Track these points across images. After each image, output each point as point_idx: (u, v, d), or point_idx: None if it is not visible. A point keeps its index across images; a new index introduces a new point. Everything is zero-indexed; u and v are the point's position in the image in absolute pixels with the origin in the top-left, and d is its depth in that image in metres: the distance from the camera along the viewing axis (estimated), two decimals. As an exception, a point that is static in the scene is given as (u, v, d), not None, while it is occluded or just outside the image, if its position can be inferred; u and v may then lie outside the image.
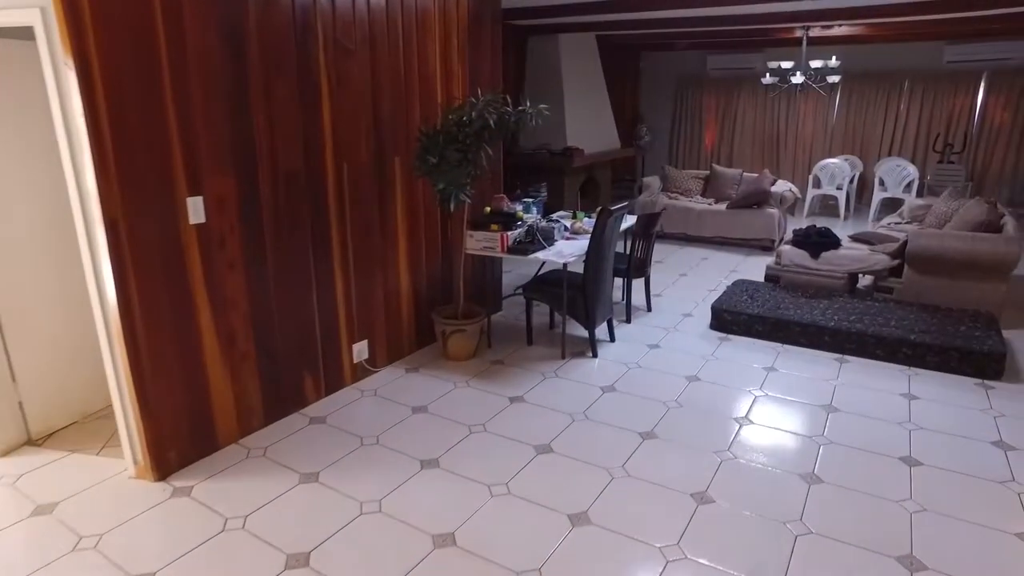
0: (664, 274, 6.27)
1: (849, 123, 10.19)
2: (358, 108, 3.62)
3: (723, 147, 11.24)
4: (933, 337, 4.09)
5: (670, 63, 11.53)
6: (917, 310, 4.60)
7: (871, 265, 4.99)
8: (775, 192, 7.09)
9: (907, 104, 9.72)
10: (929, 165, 9.48)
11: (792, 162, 10.69)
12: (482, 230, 4.08)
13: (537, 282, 4.28)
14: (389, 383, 3.93)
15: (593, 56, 9.17)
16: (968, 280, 4.76)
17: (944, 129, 9.61)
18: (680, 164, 11.67)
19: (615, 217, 4.06)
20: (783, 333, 4.46)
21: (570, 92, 8.42)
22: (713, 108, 11.24)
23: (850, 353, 4.28)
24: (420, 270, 4.27)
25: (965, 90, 9.40)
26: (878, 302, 4.76)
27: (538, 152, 8.26)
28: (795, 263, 5.22)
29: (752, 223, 7.07)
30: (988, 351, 3.92)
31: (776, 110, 10.65)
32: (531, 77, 8.44)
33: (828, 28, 7.92)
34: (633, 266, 4.78)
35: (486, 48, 4.58)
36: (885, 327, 4.26)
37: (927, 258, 4.79)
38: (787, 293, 4.97)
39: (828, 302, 4.75)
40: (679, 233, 7.58)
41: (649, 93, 11.91)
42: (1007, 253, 4.59)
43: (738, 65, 10.73)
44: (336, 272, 3.65)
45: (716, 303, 4.75)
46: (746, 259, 6.86)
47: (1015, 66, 9.07)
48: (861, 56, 9.84)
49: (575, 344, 4.47)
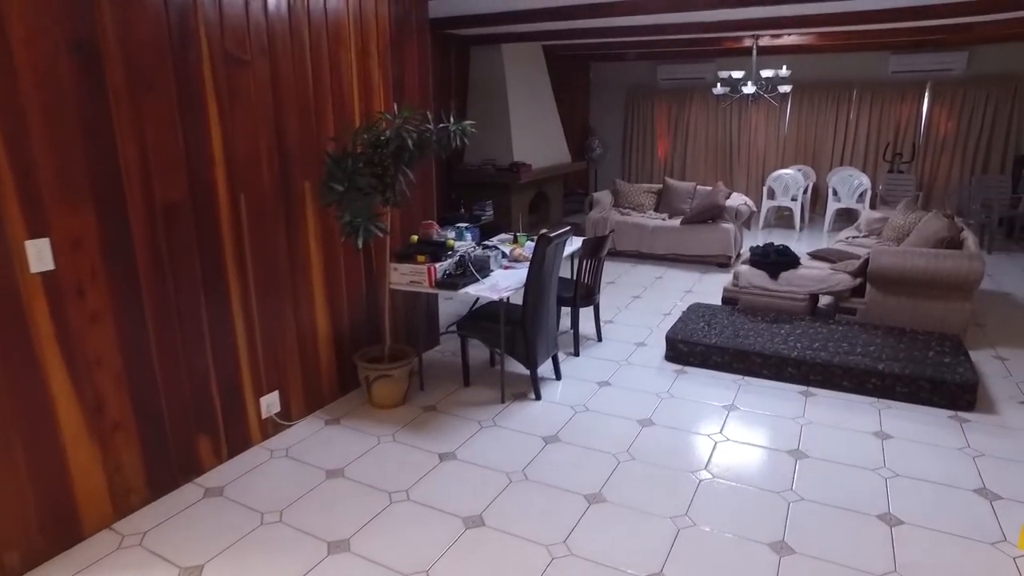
0: (616, 296, 5.90)
1: (800, 133, 10.06)
2: (257, 127, 3.14)
3: (676, 159, 11.01)
4: (902, 366, 3.78)
5: (620, 74, 11.29)
6: (882, 334, 4.31)
7: (832, 285, 4.70)
8: (730, 206, 6.81)
9: (856, 113, 9.64)
10: (880, 174, 9.39)
11: (745, 173, 10.51)
12: (408, 262, 3.63)
13: (472, 317, 3.85)
14: (304, 439, 3.44)
15: (540, 67, 8.83)
16: (932, 299, 4.50)
17: (893, 138, 9.55)
18: (633, 177, 11.41)
19: (556, 243, 3.65)
20: (744, 364, 4.11)
21: (516, 104, 8.05)
22: (665, 119, 11.02)
23: (816, 385, 3.95)
24: (340, 308, 3.79)
25: (911, 99, 9.38)
26: (842, 325, 4.46)
27: (484, 168, 7.85)
28: (753, 284, 4.90)
29: (707, 239, 6.77)
30: (960, 381, 3.63)
31: (728, 120, 10.47)
32: (475, 90, 8.04)
33: (777, 37, 7.73)
34: (580, 294, 4.39)
35: (412, 59, 4.15)
36: (851, 355, 3.95)
37: (890, 277, 4.52)
38: (746, 317, 4.64)
39: (790, 327, 4.43)
40: (632, 251, 7.24)
41: (600, 105, 11.64)
42: (970, 271, 4.33)
43: (689, 75, 10.53)
44: (235, 316, 3.16)
45: (671, 332, 4.38)
46: (702, 277, 6.55)
47: (956, 77, 9.08)
48: (810, 66, 9.73)
49: (517, 383, 4.04)
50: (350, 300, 3.85)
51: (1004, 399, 3.84)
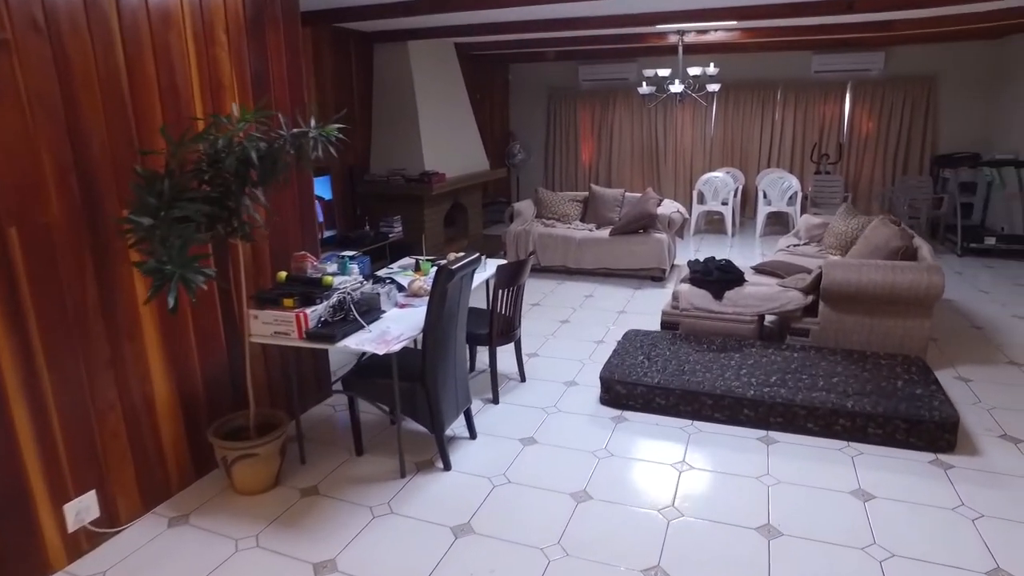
0: (541, 321, 5.21)
1: (727, 134, 9.73)
2: (33, 135, 2.26)
3: (601, 164, 10.49)
4: (873, 403, 3.24)
5: (540, 75, 10.69)
6: (842, 360, 3.78)
7: (783, 305, 4.16)
8: (662, 214, 6.26)
9: (781, 113, 9.38)
10: (808, 176, 9.14)
11: (673, 177, 10.10)
12: (272, 307, 2.81)
13: (360, 372, 3.06)
14: (136, 551, 2.56)
15: (452, 67, 8.10)
16: (890, 316, 4.02)
17: (819, 139, 9.33)
18: (557, 184, 10.83)
19: (461, 276, 2.91)
20: (693, 407, 3.49)
21: (426, 108, 7.28)
22: (588, 122, 10.49)
23: (777, 428, 3.36)
24: (189, 368, 2.93)
25: (833, 99, 9.20)
26: (796, 351, 3.92)
27: (392, 179, 7.05)
28: (695, 306, 4.32)
29: (639, 251, 6.20)
30: (939, 420, 3.11)
31: (653, 122, 10.03)
32: (380, 92, 7.23)
33: (703, 34, 7.28)
34: (497, 330, 3.67)
35: (278, 50, 3.33)
36: (814, 391, 3.38)
37: (845, 293, 4.01)
38: (690, 346, 4.03)
39: (740, 356, 3.85)
40: (558, 266, 6.59)
41: (520, 108, 11.02)
42: (930, 285, 3.87)
43: (611, 75, 10.04)
44: (10, 397, 2.26)
45: (606, 370, 3.71)
46: (635, 294, 5.96)
47: (875, 77, 8.97)
48: (735, 66, 9.41)
49: (422, 447, 3.27)
50: (204, 356, 2.99)
51: (981, 433, 3.37)
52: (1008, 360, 4.33)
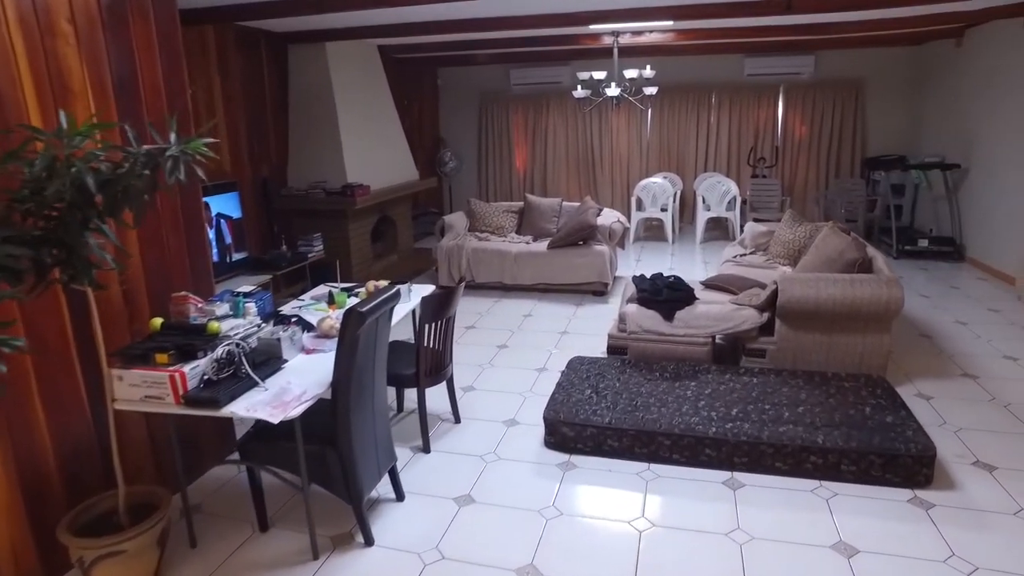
0: (475, 347, 4.77)
1: (663, 138, 9.54)
2: None
3: (536, 171, 10.14)
4: (845, 436, 2.94)
5: (471, 79, 10.27)
6: (805, 384, 3.49)
7: (738, 325, 3.85)
8: (602, 225, 5.92)
9: (716, 117, 9.26)
10: (745, 180, 9.03)
11: (610, 184, 9.84)
12: (142, 365, 2.26)
13: (259, 434, 2.53)
14: None
15: (376, 71, 7.57)
16: (849, 333, 3.76)
17: (753, 142, 9.25)
18: (491, 193, 10.42)
19: (377, 317, 2.44)
20: (649, 448, 3.11)
21: (348, 115, 6.74)
22: (521, 127, 10.12)
23: (743, 468, 3.02)
24: (35, 446, 2.34)
25: (766, 102, 9.16)
26: (755, 376, 3.61)
27: (311, 193, 6.48)
28: (645, 329, 3.96)
29: (579, 265, 5.84)
30: (915, 453, 2.83)
31: (588, 127, 9.75)
32: (296, 98, 6.63)
33: (639, 35, 7.01)
34: (425, 369, 3.20)
35: (149, 49, 2.77)
36: (780, 423, 3.06)
37: (803, 310, 3.73)
38: (641, 374, 3.67)
39: (696, 385, 3.51)
40: (494, 283, 6.16)
41: (450, 114, 10.56)
42: (890, 299, 3.63)
43: (544, 79, 9.71)
44: None
45: (550, 409, 3.30)
46: (577, 311, 5.59)
47: (806, 80, 8.97)
48: (669, 69, 9.23)
49: (339, 518, 2.77)
50: (58, 428, 2.40)
51: (953, 460, 3.12)
52: (962, 372, 4.16)
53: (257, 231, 6.16)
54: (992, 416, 3.57)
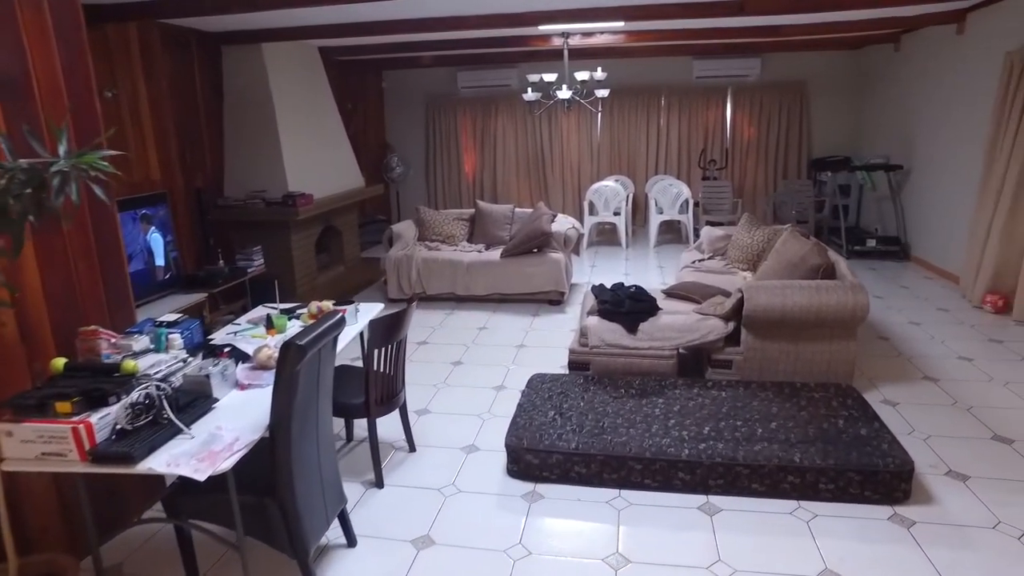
0: (429, 365, 4.51)
1: (614, 141, 9.46)
2: None
3: (485, 176, 9.93)
4: (821, 452, 2.81)
5: (417, 82, 9.98)
6: (775, 397, 3.36)
7: (704, 336, 3.70)
8: (557, 232, 5.74)
9: (666, 119, 9.23)
10: (696, 182, 9.01)
11: (562, 188, 9.70)
12: (38, 417, 1.94)
13: (186, 487, 2.22)
14: None
15: (317, 74, 7.23)
16: (815, 341, 3.67)
17: (704, 144, 9.25)
18: (441, 199, 10.15)
19: (319, 349, 2.17)
20: (619, 473, 2.92)
21: (288, 121, 6.38)
22: (470, 131, 9.90)
23: (718, 491, 2.86)
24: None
25: (715, 105, 9.18)
26: (724, 389, 3.47)
27: (250, 203, 6.11)
28: (607, 342, 3.78)
29: (535, 273, 5.64)
30: (894, 469, 2.72)
31: (538, 130, 9.59)
32: (232, 103, 6.25)
33: (589, 36, 6.87)
34: (376, 397, 2.94)
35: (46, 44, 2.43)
36: (754, 441, 2.91)
37: (770, 319, 3.61)
38: (606, 391, 3.48)
39: (664, 401, 3.34)
40: (446, 294, 5.91)
41: (397, 118, 10.25)
42: (856, 305, 3.55)
43: (493, 82, 9.50)
44: None
45: (512, 436, 3.07)
46: (534, 321, 5.39)
47: (752, 82, 9.02)
48: (619, 71, 9.15)
49: (281, 570, 2.48)
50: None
51: (927, 471, 3.03)
52: (923, 375, 4.13)
53: (192, 245, 5.75)
54: (958, 421, 3.52)
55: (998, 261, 5.33)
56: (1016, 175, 5.12)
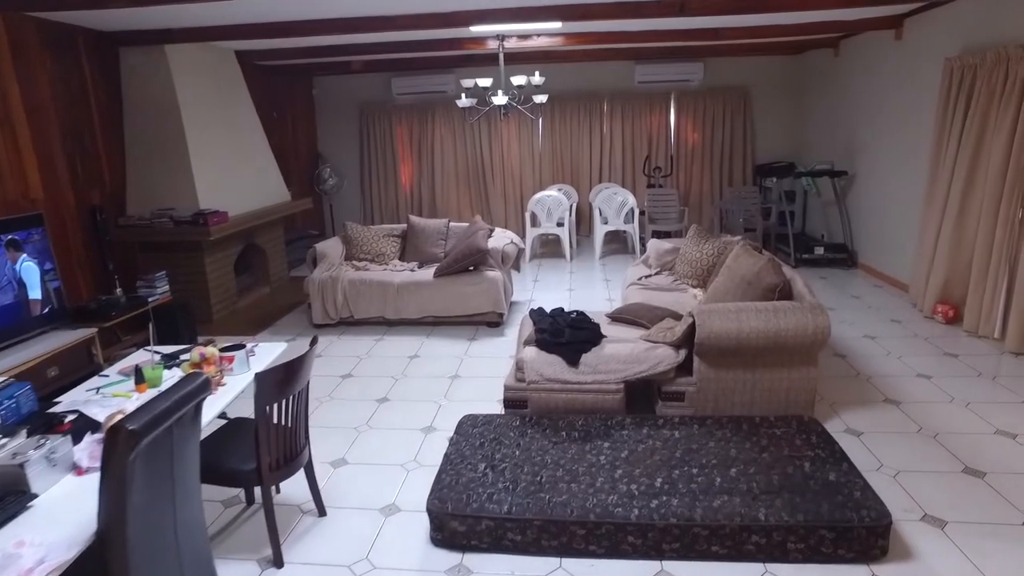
0: (350, 406, 4.02)
1: (556, 148, 9.12)
2: None
3: (423, 187, 9.46)
4: (789, 506, 2.46)
5: (350, 88, 9.46)
6: (733, 435, 3.01)
7: (653, 366, 3.34)
8: (494, 248, 5.32)
9: (609, 125, 8.96)
10: (641, 190, 8.75)
11: (503, 198, 9.31)
12: None
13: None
14: None
15: (234, 80, 6.66)
16: (773, 368, 3.35)
17: (648, 151, 9.01)
18: (376, 212, 9.64)
19: (172, 426, 1.68)
20: (559, 540, 2.51)
21: (198, 131, 5.81)
22: (406, 140, 9.42)
23: (674, 556, 2.48)
24: None
25: (658, 110, 8.96)
26: (676, 427, 3.10)
27: (156, 222, 5.51)
28: (546, 377, 3.37)
29: (471, 294, 5.21)
30: (869, 524, 2.39)
31: (477, 138, 9.18)
32: (132, 111, 5.63)
33: (525, 39, 6.50)
34: (272, 461, 2.45)
35: None
36: (712, 494, 2.54)
37: (724, 346, 3.27)
38: (545, 435, 3.07)
39: (610, 445, 2.95)
40: (376, 318, 5.42)
41: (329, 126, 9.69)
42: (817, 328, 3.24)
43: (429, 88, 9.05)
44: None
45: (436, 497, 2.63)
46: (471, 347, 4.96)
47: (695, 87, 8.84)
48: (559, 76, 8.84)
49: None
50: None
51: (902, 517, 2.72)
52: (884, 398, 3.87)
53: (87, 272, 5.11)
54: (925, 452, 3.25)
55: (947, 270, 5.17)
56: (961, 183, 4.96)
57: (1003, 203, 4.59)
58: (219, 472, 2.42)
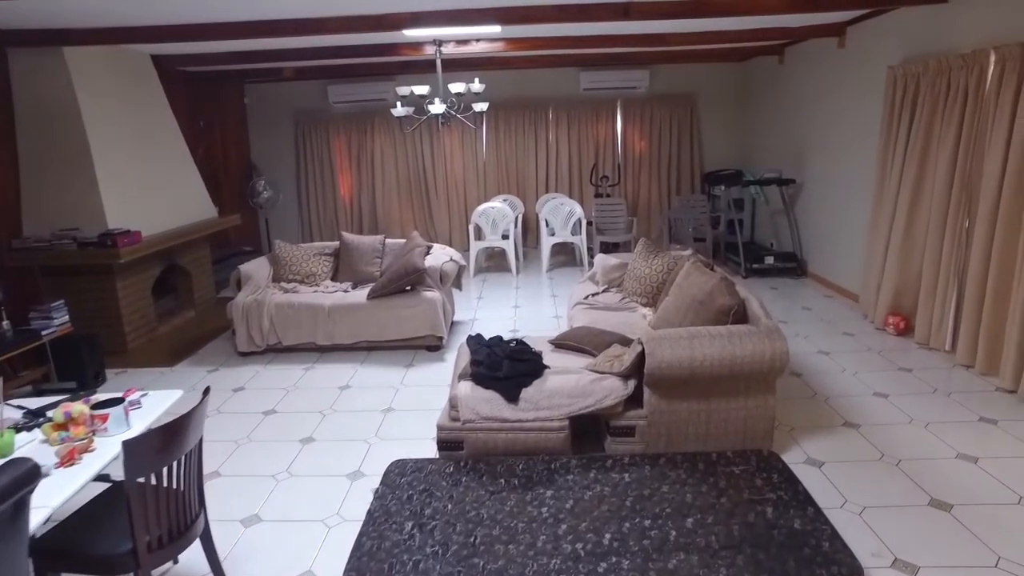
0: (270, 448, 3.62)
1: (501, 158, 8.84)
2: None
3: (364, 200, 9.05)
4: (752, 565, 2.20)
5: (285, 96, 9.00)
6: (688, 476, 2.74)
7: (600, 400, 3.04)
8: (432, 267, 4.98)
9: (555, 134, 8.72)
10: (589, 200, 8.53)
11: (447, 211, 8.97)
12: None
13: None
14: None
15: (150, 87, 6.15)
16: (729, 398, 3.10)
17: (595, 160, 8.81)
18: (315, 227, 9.18)
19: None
20: (494, 615, 2.18)
21: (105, 143, 5.31)
22: (344, 151, 9.00)
23: (622, 631, 2.18)
24: None
25: (605, 118, 8.77)
26: (626, 470, 2.82)
27: (58, 244, 4.99)
28: (483, 416, 3.05)
29: (407, 316, 4.85)
30: (842, 578, 2.14)
31: (419, 149, 8.83)
32: (26, 121, 5.10)
33: (463, 44, 6.19)
34: (152, 540, 2.05)
35: None
36: (667, 551, 2.26)
37: (676, 377, 3.00)
38: (481, 483, 2.75)
39: (554, 495, 2.65)
40: (307, 344, 5.01)
41: (263, 136, 9.20)
42: (775, 354, 3.01)
43: (368, 96, 8.66)
44: None
45: (352, 569, 2.27)
46: (407, 374, 4.60)
47: (641, 95, 8.70)
48: (502, 84, 8.57)
49: None
50: None
51: (871, 561, 2.47)
52: (843, 421, 3.68)
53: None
54: (889, 483, 3.04)
55: (897, 281, 5.07)
56: (909, 193, 4.87)
57: (950, 213, 4.50)
58: (84, 558, 2.02)
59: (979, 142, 4.22)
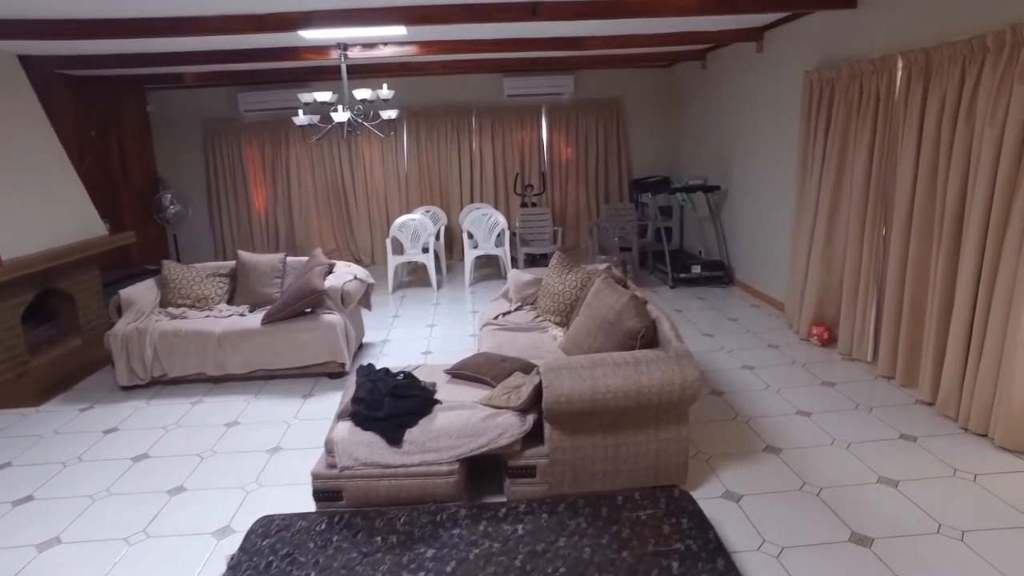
0: (130, 502, 3.17)
1: (423, 167, 8.49)
2: None
3: (280, 214, 8.56)
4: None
5: (192, 104, 8.43)
6: (590, 524, 2.45)
7: (494, 439, 2.73)
8: (333, 287, 4.59)
9: (479, 142, 8.42)
10: (514, 210, 8.27)
11: (368, 223, 8.56)
12: None
13: None
14: None
15: (17, 91, 5.54)
16: (638, 430, 2.83)
17: (520, 168, 8.55)
18: (228, 242, 8.61)
19: None
20: None
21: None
22: (258, 162, 8.49)
23: None
24: None
25: (530, 125, 8.54)
26: (522, 520, 2.50)
27: (-102, 269, 4.37)
28: (362, 461, 2.69)
29: (306, 342, 4.44)
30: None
31: (336, 159, 8.40)
32: None
33: (371, 48, 5.82)
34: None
35: None
36: (554, 628, 1.95)
37: (578, 411, 2.71)
38: (355, 541, 2.39)
39: (435, 552, 2.31)
40: (197, 375, 4.54)
41: (169, 147, 8.60)
42: (685, 381, 2.75)
43: (279, 104, 8.19)
44: None
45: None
46: (304, 406, 4.19)
47: (567, 101, 8.51)
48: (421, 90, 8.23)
49: None
50: None
51: (786, 612, 2.25)
52: (765, 445, 3.47)
53: None
54: (809, 516, 2.83)
55: (820, 290, 4.95)
56: (828, 200, 4.76)
57: (867, 220, 4.39)
58: None
59: (892, 148, 4.12)
